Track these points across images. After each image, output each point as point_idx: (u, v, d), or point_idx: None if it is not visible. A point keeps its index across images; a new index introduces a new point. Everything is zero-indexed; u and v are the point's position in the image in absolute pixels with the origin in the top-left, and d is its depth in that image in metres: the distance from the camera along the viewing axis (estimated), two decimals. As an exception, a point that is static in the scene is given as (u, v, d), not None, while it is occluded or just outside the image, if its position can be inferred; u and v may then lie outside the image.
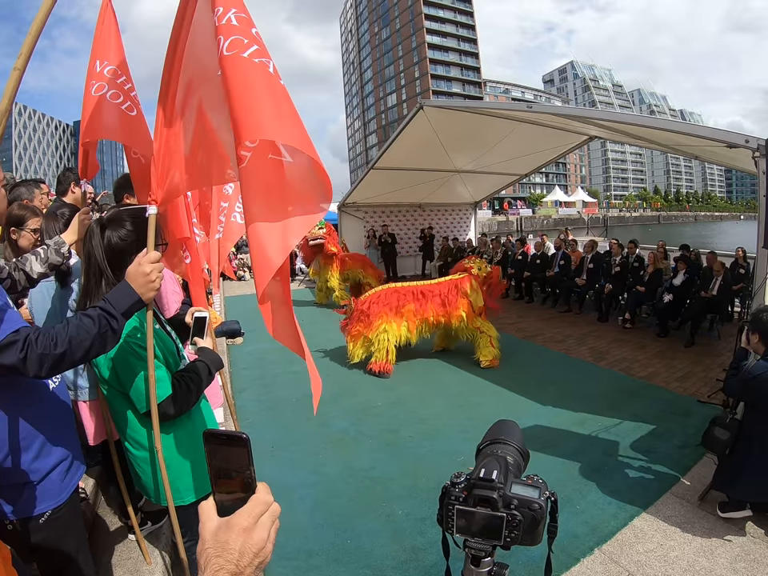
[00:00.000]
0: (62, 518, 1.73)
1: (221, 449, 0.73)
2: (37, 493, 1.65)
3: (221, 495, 0.74)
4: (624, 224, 68.38)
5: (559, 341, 8.34)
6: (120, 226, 1.96)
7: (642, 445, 4.57)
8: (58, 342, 1.47)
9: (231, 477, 0.74)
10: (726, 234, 51.70)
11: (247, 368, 7.00)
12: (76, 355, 1.52)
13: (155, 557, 2.89)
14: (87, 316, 1.57)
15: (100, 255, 1.90)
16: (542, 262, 11.70)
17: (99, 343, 1.58)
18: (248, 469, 0.73)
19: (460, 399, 5.81)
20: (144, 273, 1.72)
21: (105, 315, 1.59)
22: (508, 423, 1.13)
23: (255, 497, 0.73)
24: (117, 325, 1.61)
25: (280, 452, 4.54)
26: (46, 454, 1.69)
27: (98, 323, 1.56)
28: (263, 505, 0.73)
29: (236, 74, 1.72)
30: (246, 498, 0.73)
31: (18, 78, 1.31)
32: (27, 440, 1.64)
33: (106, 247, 1.92)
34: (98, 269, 1.90)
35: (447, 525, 0.94)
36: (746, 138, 4.45)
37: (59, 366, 1.51)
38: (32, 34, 1.32)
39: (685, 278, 8.72)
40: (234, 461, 0.73)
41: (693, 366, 6.89)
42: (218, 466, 0.73)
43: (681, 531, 3.37)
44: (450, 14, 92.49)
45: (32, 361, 1.43)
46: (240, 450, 0.72)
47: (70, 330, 1.51)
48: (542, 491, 0.91)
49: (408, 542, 3.30)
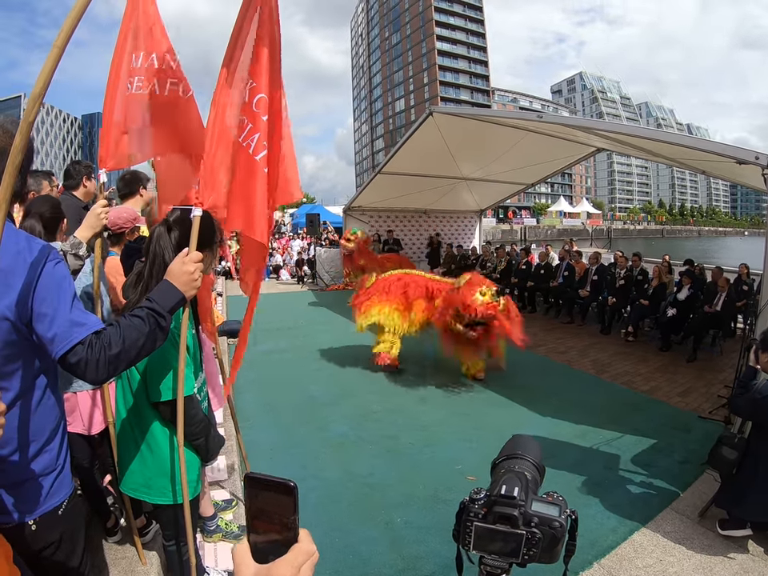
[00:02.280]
0: (75, 505, 1.71)
1: (264, 494, 0.69)
2: (59, 481, 1.61)
3: (255, 536, 0.71)
4: (628, 237, 68.47)
5: (561, 352, 8.32)
6: (187, 227, 2.02)
7: (643, 459, 4.54)
8: (112, 343, 1.48)
9: (271, 521, 0.70)
10: (730, 250, 51.73)
11: (247, 368, 6.96)
12: (131, 354, 1.54)
13: (150, 557, 2.87)
14: (136, 316, 1.59)
15: (169, 256, 1.98)
16: (546, 273, 11.67)
17: (150, 341, 1.60)
18: (292, 516, 0.69)
19: (460, 407, 5.79)
20: (188, 272, 1.79)
21: (153, 314, 1.62)
22: (524, 438, 1.12)
23: (298, 546, 0.70)
24: (165, 322, 1.65)
25: (279, 455, 4.52)
26: (65, 441, 1.67)
27: (147, 322, 1.59)
28: (305, 555, 0.70)
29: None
30: (285, 542, 0.70)
31: (57, 56, 1.18)
32: (60, 425, 1.64)
33: (175, 248, 2.00)
34: (163, 269, 1.92)
35: (464, 541, 0.93)
36: (756, 155, 4.45)
37: (117, 367, 1.53)
38: (76, 9, 1.21)
39: (689, 293, 8.70)
40: (278, 507, 0.69)
41: (695, 381, 6.86)
42: (258, 508, 0.70)
43: (680, 547, 3.35)
44: (460, 21, 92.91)
45: (90, 362, 1.44)
46: (286, 498, 0.68)
47: (123, 331, 1.53)
48: (562, 509, 0.90)
49: (406, 550, 3.28)
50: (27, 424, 1.48)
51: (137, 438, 2.14)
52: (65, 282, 1.49)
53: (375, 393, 6.18)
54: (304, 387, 6.29)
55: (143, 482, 2.17)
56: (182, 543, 2.32)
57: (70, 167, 4.00)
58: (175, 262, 1.82)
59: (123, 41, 2.53)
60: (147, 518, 3.08)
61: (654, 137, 6.02)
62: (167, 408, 2.06)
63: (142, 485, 2.18)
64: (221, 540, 3.20)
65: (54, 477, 1.58)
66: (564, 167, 12.61)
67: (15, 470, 1.47)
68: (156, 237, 2.04)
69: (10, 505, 1.45)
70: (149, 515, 3.09)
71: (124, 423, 2.17)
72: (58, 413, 1.62)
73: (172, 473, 2.15)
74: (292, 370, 6.90)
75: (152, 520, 3.10)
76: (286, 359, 7.42)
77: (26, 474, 1.50)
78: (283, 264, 17.80)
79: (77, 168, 3.97)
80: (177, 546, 2.33)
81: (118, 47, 2.53)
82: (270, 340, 8.55)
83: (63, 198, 3.61)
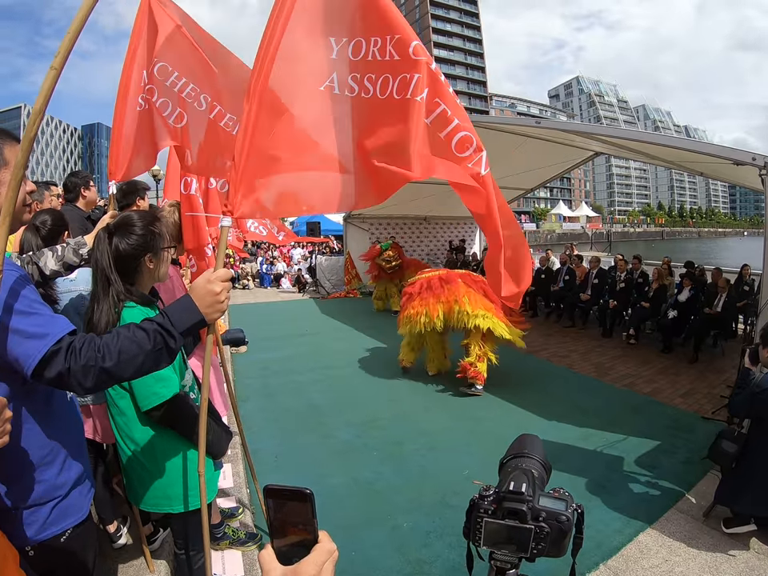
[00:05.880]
0: (82, 533, 1.63)
1: (283, 502, 0.74)
2: (60, 510, 1.53)
3: (279, 542, 0.76)
4: (628, 239, 68.41)
5: (563, 356, 8.33)
6: (129, 232, 1.94)
7: (646, 460, 4.56)
8: (105, 355, 1.32)
9: (293, 526, 0.75)
10: (730, 250, 51.72)
11: (251, 377, 6.99)
12: (126, 372, 1.38)
13: (158, 564, 2.89)
14: (141, 329, 1.41)
15: (107, 262, 1.89)
16: (547, 277, 11.67)
17: (152, 361, 1.42)
18: (312, 520, 0.74)
19: (464, 413, 5.80)
20: (214, 292, 1.54)
21: (161, 331, 1.42)
22: (530, 437, 1.15)
23: (320, 546, 0.75)
24: (174, 344, 1.45)
25: (284, 462, 4.53)
26: (68, 467, 1.57)
27: (152, 339, 1.40)
28: (327, 553, 0.75)
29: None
30: (306, 544, 0.75)
31: (54, 77, 1.22)
32: (53, 453, 1.51)
33: (113, 253, 1.90)
34: (105, 275, 1.89)
35: (474, 537, 0.95)
36: (752, 156, 4.47)
37: (106, 381, 1.38)
38: (71, 33, 1.24)
39: (690, 295, 8.72)
40: (297, 512, 0.74)
41: (697, 383, 6.88)
42: (280, 515, 0.75)
43: (685, 547, 3.36)
44: (457, 27, 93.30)
45: (76, 373, 1.30)
46: (304, 505, 0.73)
47: (121, 343, 1.36)
48: (568, 504, 0.92)
49: (413, 554, 3.29)
50: (5, 457, 1.34)
51: (136, 454, 2.09)
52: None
53: (379, 400, 6.19)
54: (308, 395, 6.30)
55: (161, 495, 2.14)
56: (192, 552, 2.31)
57: (67, 181, 4.10)
58: (200, 278, 1.57)
59: (132, 58, 2.57)
60: (154, 526, 3.10)
61: (651, 140, 6.05)
62: (158, 413, 1.99)
63: (160, 497, 2.15)
64: (228, 547, 3.21)
65: (50, 507, 1.50)
66: (563, 171, 12.63)
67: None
68: (95, 242, 1.94)
69: (2, 528, 1.32)
70: (156, 523, 3.11)
71: (121, 443, 2.12)
72: (51, 446, 1.51)
73: (184, 479, 2.14)
74: (296, 377, 6.91)
75: (159, 528, 3.12)
76: (290, 367, 7.43)
77: (12, 504, 1.42)
78: (284, 273, 17.83)
79: (73, 181, 4.05)
80: (187, 555, 2.32)
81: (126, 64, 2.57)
82: (273, 348, 8.57)
83: (65, 209, 3.68)
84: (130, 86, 2.59)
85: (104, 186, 20.43)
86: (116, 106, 2.58)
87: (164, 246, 2.06)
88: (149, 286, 2.08)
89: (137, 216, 2.03)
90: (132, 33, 2.63)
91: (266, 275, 17.93)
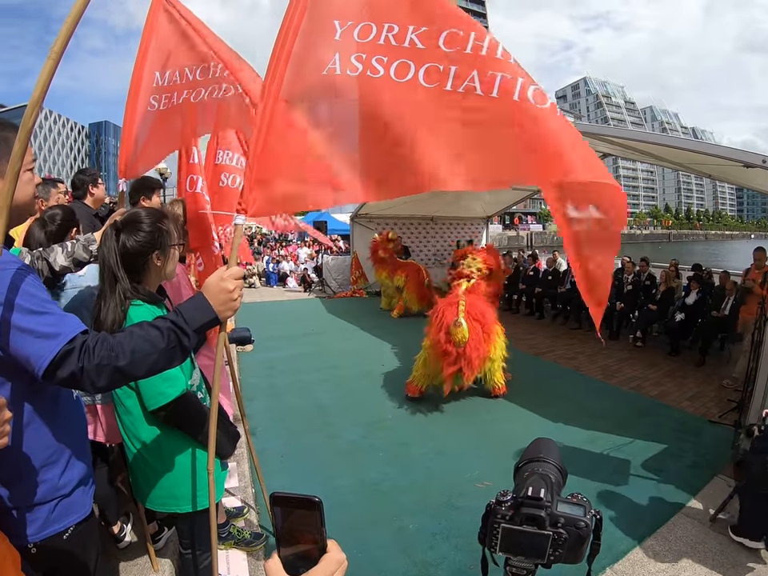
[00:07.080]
0: (84, 530, 1.62)
1: (290, 510, 0.72)
2: (62, 508, 1.52)
3: (286, 550, 0.74)
4: (634, 241, 68.28)
5: (570, 358, 8.30)
6: (136, 229, 1.93)
7: (653, 464, 4.53)
8: (119, 354, 1.31)
9: (300, 534, 0.74)
10: (737, 253, 51.40)
11: (257, 376, 6.99)
12: (139, 370, 1.37)
13: (162, 563, 2.89)
14: (155, 327, 1.41)
15: (113, 259, 1.87)
16: (554, 279, 11.66)
17: (165, 359, 1.42)
18: (320, 528, 0.73)
19: (470, 415, 5.80)
20: (227, 290, 1.57)
21: (175, 329, 1.42)
22: (546, 441, 1.14)
23: (329, 556, 0.74)
24: (188, 342, 1.46)
25: (290, 463, 4.52)
26: (71, 466, 1.56)
27: (166, 337, 1.40)
28: (336, 564, 0.74)
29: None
30: (314, 553, 0.74)
31: (52, 67, 1.20)
32: (58, 453, 1.51)
33: (120, 250, 1.89)
34: (111, 273, 1.87)
35: (490, 543, 0.94)
36: (763, 158, 4.45)
37: (120, 380, 1.37)
38: (70, 19, 1.22)
39: (697, 298, 8.68)
40: (305, 521, 0.73)
41: (704, 386, 6.84)
42: (287, 524, 0.73)
43: (692, 552, 3.34)
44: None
45: (90, 372, 1.28)
46: (312, 513, 0.72)
47: (135, 342, 1.35)
48: (587, 509, 0.91)
49: (419, 556, 3.28)
50: (7, 456, 1.33)
51: (143, 453, 2.08)
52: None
53: (385, 401, 6.17)
54: (315, 395, 6.29)
55: (168, 494, 2.12)
56: (198, 552, 2.29)
57: (75, 179, 4.12)
58: (213, 276, 1.59)
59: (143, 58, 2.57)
60: (159, 525, 3.10)
61: (663, 142, 6.03)
62: (165, 412, 1.97)
63: (167, 497, 2.13)
64: (233, 547, 3.21)
65: (52, 505, 1.50)
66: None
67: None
68: (102, 239, 1.93)
69: (4, 528, 1.31)
70: (161, 522, 3.11)
71: (128, 442, 2.10)
72: (56, 447, 1.50)
73: (192, 479, 2.12)
74: (302, 377, 6.90)
75: (164, 527, 3.12)
76: (296, 367, 7.43)
77: (13, 504, 1.42)
78: (290, 272, 17.84)
79: (81, 178, 4.06)
80: (193, 554, 2.30)
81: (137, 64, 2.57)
82: (279, 347, 8.58)
83: (74, 207, 3.68)
84: (140, 86, 2.59)
85: (111, 184, 20.63)
86: (126, 106, 2.58)
87: (172, 243, 2.05)
88: (156, 284, 2.06)
89: (144, 213, 2.01)
90: (143, 33, 2.63)
91: (273, 274, 17.96)
